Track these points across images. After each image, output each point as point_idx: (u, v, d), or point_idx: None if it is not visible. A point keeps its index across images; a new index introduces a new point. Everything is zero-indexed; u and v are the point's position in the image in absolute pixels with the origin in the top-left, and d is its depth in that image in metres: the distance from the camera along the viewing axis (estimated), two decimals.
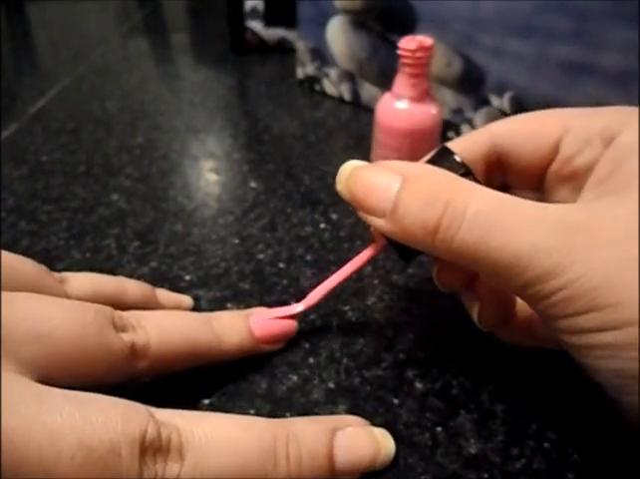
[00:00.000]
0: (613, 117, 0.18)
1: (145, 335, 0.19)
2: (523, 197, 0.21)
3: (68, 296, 0.20)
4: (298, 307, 0.23)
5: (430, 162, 0.20)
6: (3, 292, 0.16)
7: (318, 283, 0.22)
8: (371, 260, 0.22)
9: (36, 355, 0.15)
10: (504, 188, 0.22)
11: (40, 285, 0.19)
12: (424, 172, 0.18)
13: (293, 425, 0.17)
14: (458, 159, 0.19)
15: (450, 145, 0.21)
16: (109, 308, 0.18)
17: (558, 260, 0.15)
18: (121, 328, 0.18)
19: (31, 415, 0.13)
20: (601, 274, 0.14)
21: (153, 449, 0.15)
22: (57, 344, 0.16)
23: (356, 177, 0.19)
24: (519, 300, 0.22)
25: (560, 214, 0.16)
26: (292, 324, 0.23)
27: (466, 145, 0.21)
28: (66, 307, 0.17)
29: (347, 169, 0.19)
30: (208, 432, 0.16)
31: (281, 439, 0.17)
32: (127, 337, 0.18)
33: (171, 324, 0.20)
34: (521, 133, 0.21)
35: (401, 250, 0.20)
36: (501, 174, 0.22)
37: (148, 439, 0.14)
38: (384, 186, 0.18)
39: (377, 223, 0.18)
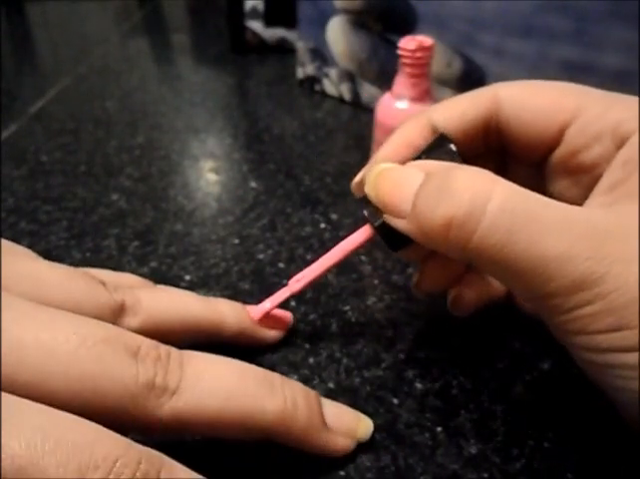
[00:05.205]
0: (627, 111, 0.17)
1: (135, 297, 0.19)
2: (523, 173, 0.20)
3: None
4: (285, 294, 0.22)
5: (424, 150, 0.19)
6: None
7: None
8: (360, 247, 0.20)
9: (25, 294, 0.16)
10: (503, 157, 0.21)
11: None
12: (447, 166, 0.17)
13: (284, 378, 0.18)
14: (453, 148, 0.18)
15: (446, 102, 0.20)
16: (98, 278, 0.19)
17: (590, 270, 0.13)
18: (112, 290, 0.18)
19: (27, 309, 0.14)
20: (635, 290, 0.13)
21: (151, 358, 0.15)
22: (48, 289, 0.16)
23: (382, 177, 0.18)
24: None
25: (592, 219, 0.14)
26: (288, 313, 0.23)
27: (462, 107, 0.20)
28: (60, 272, 0.17)
29: (376, 169, 0.18)
30: (206, 355, 0.16)
31: (276, 378, 0.17)
32: (117, 296, 0.18)
33: (165, 295, 0.20)
34: (530, 105, 0.18)
35: (388, 239, 0.19)
36: (501, 141, 0.20)
37: (143, 348, 0.15)
38: (407, 184, 0.17)
39: (399, 224, 0.17)
